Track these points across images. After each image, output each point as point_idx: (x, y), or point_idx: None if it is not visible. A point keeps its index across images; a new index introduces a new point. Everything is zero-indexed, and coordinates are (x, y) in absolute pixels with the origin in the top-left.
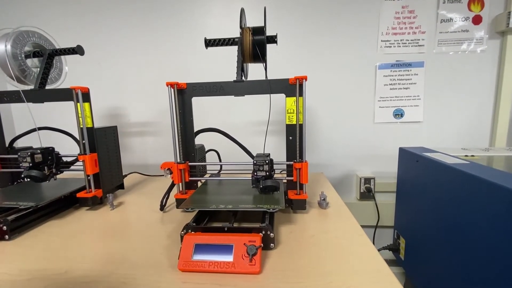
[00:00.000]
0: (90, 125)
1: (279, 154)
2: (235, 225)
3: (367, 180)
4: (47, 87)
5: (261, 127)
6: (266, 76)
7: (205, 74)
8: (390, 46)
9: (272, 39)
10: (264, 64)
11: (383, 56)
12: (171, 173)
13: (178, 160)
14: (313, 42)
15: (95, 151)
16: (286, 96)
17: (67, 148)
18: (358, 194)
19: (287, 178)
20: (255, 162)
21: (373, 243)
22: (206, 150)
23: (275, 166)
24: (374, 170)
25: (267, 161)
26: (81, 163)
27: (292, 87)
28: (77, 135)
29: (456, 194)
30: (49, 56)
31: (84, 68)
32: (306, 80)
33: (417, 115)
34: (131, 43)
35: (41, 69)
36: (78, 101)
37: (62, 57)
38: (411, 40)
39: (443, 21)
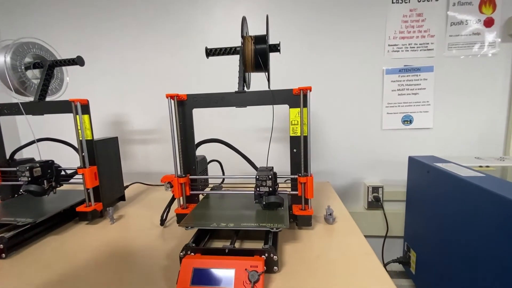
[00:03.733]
0: (89, 138)
1: (283, 163)
2: (237, 245)
3: (375, 189)
4: (48, 98)
5: (264, 134)
6: (269, 86)
7: (208, 82)
8: (398, 51)
9: (275, 48)
10: (267, 73)
11: (390, 60)
12: (171, 186)
13: (179, 174)
14: (317, 47)
15: (95, 164)
16: (289, 107)
17: (70, 157)
18: (366, 203)
19: (291, 192)
20: (257, 177)
21: (382, 255)
22: (208, 161)
23: (278, 179)
24: (382, 178)
25: (270, 176)
26: (81, 176)
27: (296, 98)
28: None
29: (471, 209)
30: (49, 67)
31: (88, 76)
32: (310, 91)
33: (427, 121)
34: (134, 51)
35: (41, 80)
36: (77, 113)
37: (64, 68)
38: (419, 44)
39: (453, 24)
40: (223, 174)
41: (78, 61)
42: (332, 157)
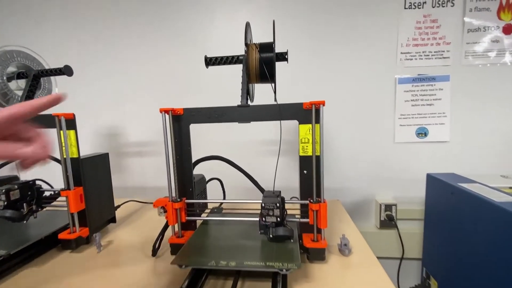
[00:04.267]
0: (75, 155)
1: (288, 177)
2: (239, 285)
3: (388, 207)
4: None
5: (269, 147)
6: (275, 99)
7: (208, 94)
8: (411, 59)
9: (282, 56)
10: (273, 85)
11: (403, 69)
12: (165, 211)
13: (173, 198)
14: (324, 55)
15: (81, 185)
16: (299, 123)
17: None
18: (378, 222)
19: (301, 220)
20: (263, 205)
21: (398, 279)
22: (207, 180)
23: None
24: (395, 195)
25: (277, 204)
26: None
27: (306, 113)
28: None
29: (504, 238)
30: (34, 77)
31: (82, 86)
32: (324, 105)
33: (443, 134)
34: (131, 60)
35: (25, 91)
36: (61, 129)
37: (52, 78)
38: (434, 51)
39: (470, 31)
40: (224, 193)
41: (65, 71)
42: (340, 172)
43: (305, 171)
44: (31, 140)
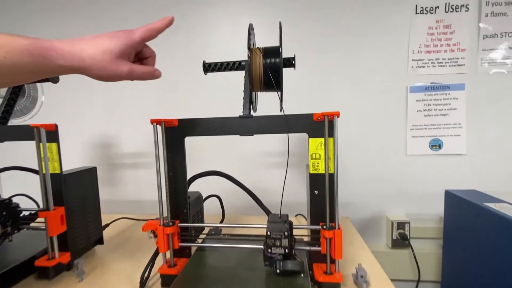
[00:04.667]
0: (57, 171)
1: (293, 191)
2: None
3: (401, 225)
4: (18, 119)
5: (273, 159)
6: (281, 109)
7: (207, 104)
8: (424, 66)
9: (289, 62)
10: (280, 93)
11: (415, 77)
12: (155, 236)
13: (165, 222)
14: (331, 62)
15: (63, 204)
16: (309, 137)
17: None
18: (390, 241)
19: (312, 249)
20: (268, 234)
21: None
22: (204, 197)
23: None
24: (408, 211)
25: (285, 233)
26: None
27: (317, 125)
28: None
29: None
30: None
31: (74, 93)
32: (338, 116)
33: (459, 146)
34: None
35: (5, 99)
36: (40, 141)
37: (38, 85)
38: (448, 59)
39: (486, 37)
40: (223, 212)
41: (50, 77)
42: (348, 187)
43: (316, 192)
44: (149, 58)
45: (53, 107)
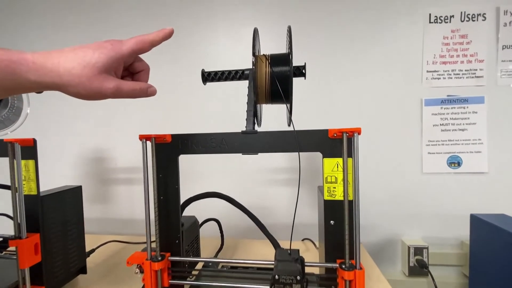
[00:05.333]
0: (33, 192)
1: (299, 210)
2: None
3: (418, 250)
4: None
5: (276, 176)
6: (290, 123)
7: (209, 116)
8: (439, 78)
9: (299, 71)
10: (289, 106)
11: (430, 89)
12: (142, 272)
13: (153, 256)
14: (340, 74)
15: (38, 231)
16: (323, 157)
17: None
18: (406, 268)
19: None
20: (276, 277)
21: None
22: (201, 222)
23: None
24: (425, 235)
25: (298, 278)
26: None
27: (333, 143)
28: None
29: None
30: None
31: (64, 104)
32: (359, 133)
33: (480, 164)
34: None
35: None
36: (14, 158)
37: (24, 95)
38: (465, 70)
39: (505, 48)
40: (222, 238)
41: None
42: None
43: (332, 222)
44: (141, 72)
45: (40, 119)
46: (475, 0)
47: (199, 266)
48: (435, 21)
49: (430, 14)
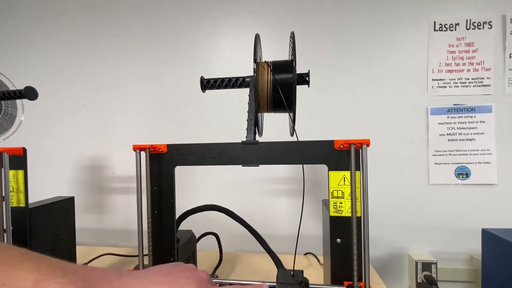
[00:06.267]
0: (22, 204)
1: (297, 223)
2: None
3: (427, 265)
4: None
5: (277, 186)
6: (293, 133)
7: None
8: (445, 86)
9: (302, 79)
10: (292, 115)
11: (435, 98)
12: None
13: None
14: (343, 82)
15: (27, 244)
16: (329, 169)
17: None
18: (414, 284)
19: None
20: None
21: None
22: (198, 236)
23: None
24: (432, 249)
25: None
26: None
27: (340, 155)
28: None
29: None
30: None
31: (60, 112)
32: (368, 145)
33: (489, 175)
34: (120, 84)
35: None
36: (2, 167)
37: (18, 102)
38: (472, 78)
39: None
40: (221, 252)
41: (26, 94)
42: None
43: (338, 240)
44: None
45: (34, 127)
46: (480, 8)
47: None
48: (440, 29)
49: (435, 22)
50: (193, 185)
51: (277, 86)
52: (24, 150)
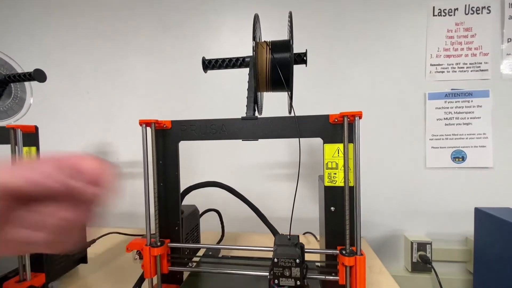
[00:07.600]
0: None
1: (300, 206)
2: None
3: (422, 246)
4: (1, 122)
5: (278, 170)
6: (290, 111)
7: (209, 108)
8: (443, 71)
9: (300, 58)
10: (289, 93)
11: (433, 83)
12: (141, 258)
13: (152, 242)
14: (342, 68)
15: None
16: (324, 142)
17: None
18: (409, 264)
19: (327, 278)
20: (275, 260)
21: None
22: (201, 212)
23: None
24: (428, 231)
25: (297, 261)
26: None
27: (334, 129)
28: None
29: None
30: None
31: (68, 96)
32: (360, 117)
33: (485, 159)
34: (123, 70)
35: None
36: (16, 145)
37: (27, 86)
38: (469, 63)
39: (510, 41)
40: (223, 229)
41: (35, 76)
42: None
43: (332, 208)
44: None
45: (43, 110)
46: None
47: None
48: (439, 14)
49: (434, 7)
50: (194, 168)
51: (276, 65)
52: (36, 127)
